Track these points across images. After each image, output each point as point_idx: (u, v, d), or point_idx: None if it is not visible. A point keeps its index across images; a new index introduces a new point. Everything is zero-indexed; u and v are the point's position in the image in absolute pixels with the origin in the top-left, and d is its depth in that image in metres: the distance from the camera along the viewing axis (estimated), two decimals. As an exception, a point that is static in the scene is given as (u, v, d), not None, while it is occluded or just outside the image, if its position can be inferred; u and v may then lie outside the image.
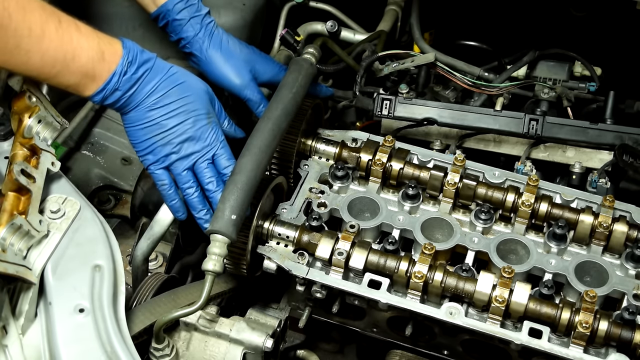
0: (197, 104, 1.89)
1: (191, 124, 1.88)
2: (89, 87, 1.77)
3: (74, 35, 1.72)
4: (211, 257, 1.77)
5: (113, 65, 1.77)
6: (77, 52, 1.71)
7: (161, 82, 1.85)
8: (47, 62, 1.69)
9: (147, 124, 1.86)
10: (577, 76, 2.47)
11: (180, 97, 1.87)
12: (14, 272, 1.62)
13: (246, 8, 2.46)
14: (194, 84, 1.91)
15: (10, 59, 1.65)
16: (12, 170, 1.72)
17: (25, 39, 1.63)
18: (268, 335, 1.90)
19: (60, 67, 1.70)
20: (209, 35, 2.11)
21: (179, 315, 1.77)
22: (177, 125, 1.87)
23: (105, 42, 1.77)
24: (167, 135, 1.87)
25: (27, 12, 1.64)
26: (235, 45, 2.15)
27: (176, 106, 1.86)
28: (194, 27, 2.09)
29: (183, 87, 1.88)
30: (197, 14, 2.09)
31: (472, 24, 2.75)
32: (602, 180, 2.16)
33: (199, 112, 1.89)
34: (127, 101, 1.82)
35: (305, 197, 2.09)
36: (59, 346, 1.61)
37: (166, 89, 1.85)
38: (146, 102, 1.84)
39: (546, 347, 1.79)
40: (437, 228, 2.05)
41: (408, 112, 2.26)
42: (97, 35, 1.77)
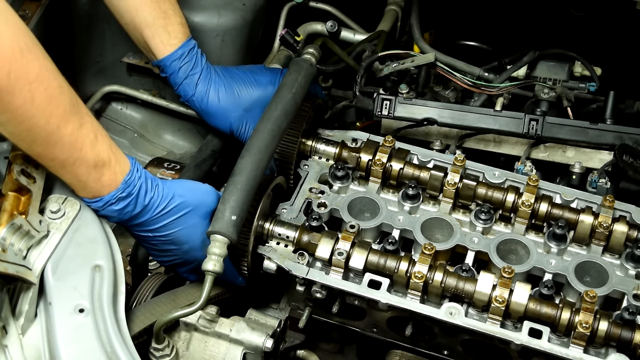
0: (192, 235, 1.86)
1: (185, 251, 1.88)
2: (79, 192, 1.75)
3: (86, 145, 1.67)
4: (211, 257, 1.77)
5: (105, 191, 1.74)
6: (78, 162, 1.67)
7: (155, 217, 1.81)
8: (48, 156, 1.66)
9: (143, 240, 1.88)
10: (577, 76, 2.47)
11: (174, 231, 1.84)
12: (14, 272, 1.62)
13: (246, 8, 2.46)
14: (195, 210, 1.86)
15: (17, 137, 1.61)
16: (12, 170, 1.72)
17: (37, 128, 1.59)
18: (268, 335, 1.90)
19: (58, 165, 1.68)
20: (205, 90, 2.12)
21: (179, 315, 1.77)
22: (171, 250, 1.88)
23: (113, 164, 1.72)
24: (162, 253, 1.90)
25: (51, 104, 1.59)
26: (231, 85, 2.16)
27: (169, 238, 1.85)
28: (190, 87, 2.11)
29: (180, 221, 1.84)
30: (192, 73, 2.11)
31: (472, 24, 2.75)
32: (602, 180, 2.16)
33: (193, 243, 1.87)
34: (117, 222, 1.82)
35: (305, 197, 2.09)
36: (59, 346, 1.61)
37: (159, 223, 1.82)
38: (139, 229, 1.83)
39: (546, 347, 1.79)
40: (437, 228, 2.05)
41: (408, 112, 2.26)
42: (110, 154, 1.72)
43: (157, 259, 1.98)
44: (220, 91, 2.14)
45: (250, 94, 2.17)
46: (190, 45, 2.10)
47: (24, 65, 1.51)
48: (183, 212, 1.83)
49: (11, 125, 1.57)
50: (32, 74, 1.53)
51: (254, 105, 2.17)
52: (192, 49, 2.11)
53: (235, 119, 2.16)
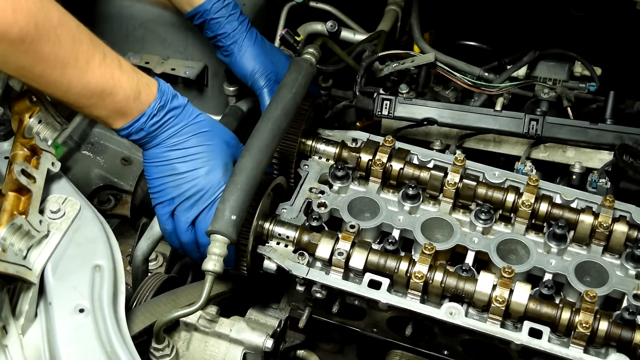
0: (215, 154, 1.90)
1: (204, 174, 1.88)
2: (118, 121, 1.81)
3: (116, 71, 1.76)
4: (211, 257, 1.77)
5: (145, 106, 1.81)
6: (115, 89, 1.75)
7: (185, 127, 1.88)
8: (86, 94, 1.72)
9: (162, 163, 1.88)
10: (577, 76, 2.47)
11: (200, 144, 1.89)
12: (14, 272, 1.62)
13: (246, 8, 2.46)
14: (218, 133, 1.93)
15: (51, 85, 1.69)
16: (12, 170, 1.72)
17: (70, 69, 1.67)
18: (268, 335, 1.90)
19: (96, 100, 1.74)
20: (245, 31, 2.22)
21: (179, 315, 1.77)
22: (189, 171, 1.88)
23: (143, 82, 1.82)
24: (177, 178, 1.88)
25: (76, 42, 1.68)
26: (264, 43, 2.27)
27: (194, 152, 1.88)
28: (232, 25, 2.20)
29: (206, 135, 1.90)
30: (233, 12, 2.21)
31: (472, 24, 2.75)
32: (602, 180, 2.16)
33: (216, 163, 1.90)
34: (149, 139, 1.86)
35: (305, 197, 2.09)
36: (59, 346, 1.61)
37: (189, 134, 1.88)
38: (166, 143, 1.87)
39: (546, 347, 1.79)
40: (437, 228, 2.05)
41: (408, 112, 2.26)
42: (136, 75, 1.81)
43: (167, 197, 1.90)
44: (257, 35, 2.25)
45: (278, 54, 2.30)
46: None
47: (46, 13, 1.61)
48: (211, 127, 1.91)
49: (47, 74, 1.65)
50: (54, 19, 1.63)
51: (279, 63, 2.26)
52: None
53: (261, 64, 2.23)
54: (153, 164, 1.89)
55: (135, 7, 2.43)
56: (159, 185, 1.90)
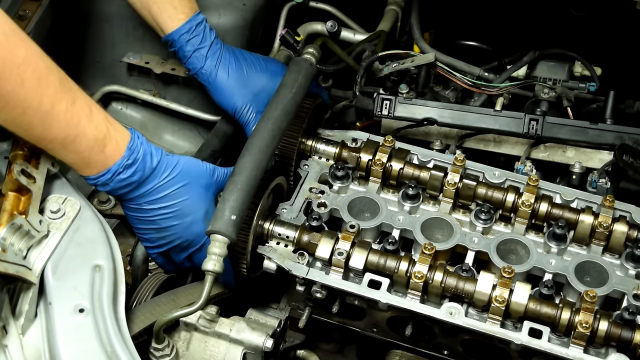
0: (194, 206, 1.87)
1: (186, 227, 1.87)
2: (83, 171, 1.75)
3: (83, 120, 1.68)
4: (211, 257, 1.77)
5: (110, 162, 1.74)
6: (78, 138, 1.68)
7: (159, 186, 1.82)
8: (47, 137, 1.66)
9: (142, 217, 1.86)
10: (577, 76, 2.47)
11: (177, 200, 1.84)
12: (14, 272, 1.62)
13: (246, 8, 2.46)
14: (195, 182, 1.87)
15: (12, 123, 1.62)
16: (12, 170, 1.72)
17: (32, 111, 1.59)
18: (268, 335, 1.89)
19: (58, 146, 1.68)
20: (215, 65, 2.13)
21: (179, 315, 1.77)
22: (171, 226, 1.86)
23: (113, 135, 1.73)
24: (161, 232, 1.88)
25: (41, 85, 1.60)
26: (241, 70, 2.17)
27: (172, 209, 1.84)
28: (198, 60, 2.12)
29: (183, 190, 1.85)
30: (201, 47, 2.11)
31: (472, 24, 2.75)
32: (602, 180, 2.16)
33: (196, 215, 1.87)
34: (120, 194, 1.81)
35: (305, 197, 2.09)
36: (59, 346, 1.61)
37: (164, 191, 1.82)
38: (141, 201, 1.82)
39: (546, 347, 1.79)
40: (437, 228, 2.05)
41: (408, 112, 2.26)
42: (107, 126, 1.73)
43: (154, 244, 1.92)
44: (230, 67, 2.15)
45: (259, 78, 2.19)
46: (198, 19, 2.11)
47: (10, 49, 1.53)
48: (187, 179, 1.84)
49: (5, 112, 1.58)
50: (19, 57, 1.54)
51: (260, 90, 2.18)
52: (200, 23, 2.11)
53: (240, 99, 2.15)
54: (134, 216, 1.87)
55: (135, 7, 2.43)
56: (144, 233, 1.90)
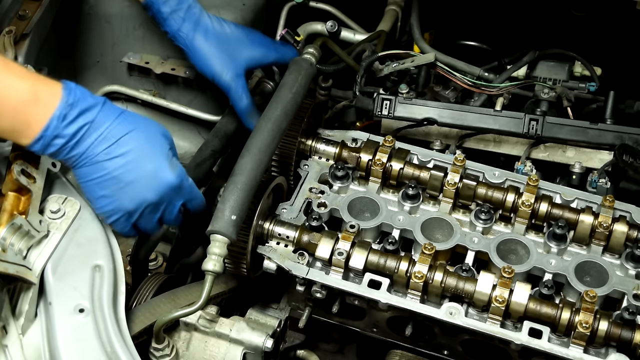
0: (157, 149, 1.69)
1: (152, 174, 1.69)
2: (25, 133, 1.56)
3: (1, 74, 1.52)
4: (211, 257, 1.77)
5: (50, 108, 1.55)
6: (5, 93, 1.52)
7: (111, 128, 1.63)
8: None
9: (102, 178, 1.65)
10: (577, 76, 2.47)
11: (135, 142, 1.65)
12: (14, 272, 1.62)
13: (246, 8, 2.46)
14: (152, 126, 1.72)
15: None
16: (12, 170, 1.72)
17: None
18: (268, 335, 1.90)
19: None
20: (193, 28, 2.04)
21: (179, 315, 1.77)
22: (137, 178, 1.67)
23: (41, 83, 1.57)
24: (126, 189, 1.68)
25: None
26: (221, 34, 2.08)
27: (132, 156, 1.65)
28: (176, 22, 2.04)
29: (140, 131, 1.67)
30: (178, 8, 2.03)
31: (472, 24, 2.75)
32: (602, 180, 2.16)
33: (159, 161, 1.69)
34: (72, 151, 1.61)
35: (305, 197, 2.09)
36: (59, 346, 1.61)
37: (117, 135, 1.63)
38: (95, 151, 1.62)
39: (546, 347, 1.79)
40: (437, 228, 2.05)
41: (408, 112, 2.26)
42: (31, 76, 1.57)
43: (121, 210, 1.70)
44: (208, 31, 2.06)
45: (239, 44, 2.10)
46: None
47: None
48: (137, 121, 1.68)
49: None
50: None
51: (240, 56, 2.09)
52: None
53: (219, 63, 2.06)
54: (92, 181, 1.66)
55: (135, 7, 2.43)
56: (108, 202, 1.70)
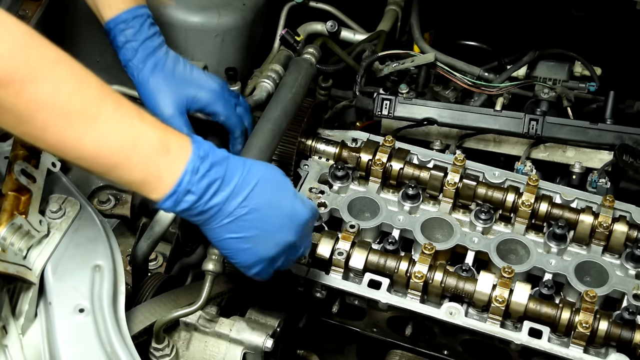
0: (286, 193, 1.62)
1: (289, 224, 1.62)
2: (156, 187, 1.47)
3: (135, 120, 1.44)
4: (211, 257, 1.77)
5: (182, 161, 1.47)
6: (138, 141, 1.43)
7: (241, 181, 1.53)
8: (103, 150, 1.41)
9: (242, 233, 1.56)
10: (577, 76, 2.47)
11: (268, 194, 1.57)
12: (14, 272, 1.62)
13: (246, 8, 2.46)
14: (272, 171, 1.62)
15: (59, 142, 1.39)
16: (12, 170, 1.72)
17: (78, 117, 1.37)
18: (268, 335, 1.89)
19: (118, 158, 1.43)
20: (143, 61, 1.96)
21: (179, 315, 1.77)
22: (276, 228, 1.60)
23: (171, 134, 1.49)
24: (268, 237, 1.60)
25: (81, 85, 1.38)
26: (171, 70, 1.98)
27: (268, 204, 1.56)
28: (128, 52, 1.96)
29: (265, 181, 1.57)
30: (133, 39, 1.95)
31: (472, 24, 2.75)
32: (602, 180, 2.16)
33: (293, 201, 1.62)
34: (204, 207, 1.50)
35: (306, 197, 2.08)
36: (59, 346, 1.61)
37: (249, 187, 1.54)
38: (230, 207, 1.52)
39: (546, 347, 1.80)
40: (437, 228, 2.05)
41: (408, 112, 2.26)
42: (161, 126, 1.49)
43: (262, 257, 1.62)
44: (158, 66, 1.97)
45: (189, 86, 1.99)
46: (138, 12, 1.96)
47: (40, 49, 1.34)
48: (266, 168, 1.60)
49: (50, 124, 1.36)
50: (51, 55, 1.35)
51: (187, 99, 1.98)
52: (139, 17, 1.96)
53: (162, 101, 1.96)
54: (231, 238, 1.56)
55: (135, 7, 2.43)
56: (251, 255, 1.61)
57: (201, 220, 1.55)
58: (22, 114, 1.34)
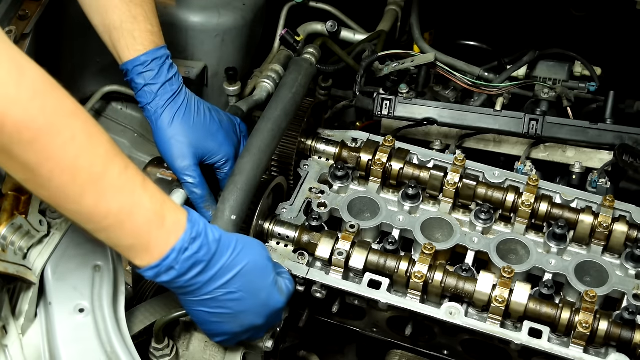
0: (266, 281, 1.67)
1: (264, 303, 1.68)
2: (142, 256, 1.50)
3: (138, 188, 1.46)
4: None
5: (173, 237, 1.50)
6: (135, 209, 1.46)
7: (226, 266, 1.58)
8: (100, 210, 1.43)
9: (214, 309, 1.63)
10: (577, 76, 2.47)
11: (248, 280, 1.62)
12: (14, 272, 1.62)
13: (246, 8, 2.46)
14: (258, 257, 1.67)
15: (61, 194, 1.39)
16: (12, 170, 1.72)
17: (83, 173, 1.37)
18: (268, 335, 1.90)
19: (113, 220, 1.45)
20: (162, 106, 1.92)
21: (179, 315, 1.77)
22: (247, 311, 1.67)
23: (169, 208, 1.52)
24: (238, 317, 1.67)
25: (92, 141, 1.38)
26: (190, 119, 1.94)
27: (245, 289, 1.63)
28: (147, 95, 1.92)
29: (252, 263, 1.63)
30: (152, 82, 1.90)
31: (472, 24, 2.75)
32: (602, 180, 2.16)
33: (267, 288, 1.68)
34: (184, 283, 1.55)
35: (305, 197, 2.09)
36: (59, 346, 1.61)
37: (232, 273, 1.59)
38: (209, 288, 1.58)
39: (546, 347, 1.79)
40: (437, 228, 2.05)
41: (408, 112, 2.26)
42: (162, 198, 1.51)
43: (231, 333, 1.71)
44: (178, 114, 1.93)
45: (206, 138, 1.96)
46: (157, 54, 1.92)
47: (57, 98, 1.35)
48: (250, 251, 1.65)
49: (56, 176, 1.36)
50: (68, 107, 1.36)
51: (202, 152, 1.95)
52: (158, 59, 1.92)
53: (177, 151, 1.92)
54: (203, 312, 1.64)
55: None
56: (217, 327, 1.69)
57: (178, 292, 1.61)
58: (29, 162, 1.34)
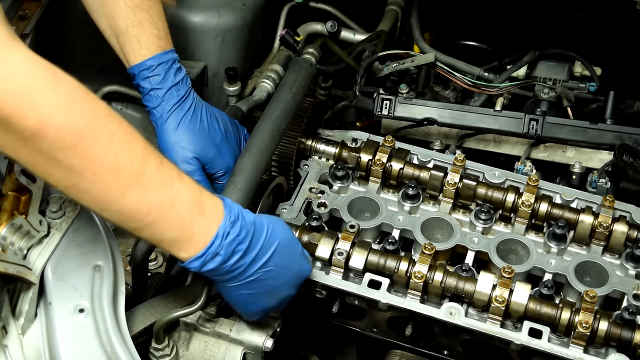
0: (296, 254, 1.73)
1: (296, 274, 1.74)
2: (187, 247, 1.52)
3: (175, 180, 1.48)
4: (211, 257, 1.77)
5: (214, 223, 1.52)
6: (176, 201, 1.47)
7: (264, 246, 1.61)
8: (143, 206, 1.44)
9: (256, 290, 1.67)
10: (577, 76, 2.47)
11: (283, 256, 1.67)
12: (14, 272, 1.62)
13: (246, 8, 2.46)
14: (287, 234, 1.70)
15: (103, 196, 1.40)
16: (12, 170, 1.72)
17: (124, 171, 1.38)
18: (268, 335, 1.89)
19: (155, 215, 1.46)
20: (168, 111, 1.91)
21: (179, 315, 1.77)
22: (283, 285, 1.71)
23: (206, 196, 1.54)
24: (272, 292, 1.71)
25: (129, 139, 1.40)
26: (192, 127, 1.93)
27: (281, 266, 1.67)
28: (153, 99, 1.91)
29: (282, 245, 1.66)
30: (158, 87, 1.90)
31: (472, 24, 2.75)
32: (602, 180, 2.16)
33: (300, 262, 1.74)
34: (227, 268, 1.58)
35: (305, 197, 2.09)
36: (59, 346, 1.61)
37: (269, 252, 1.63)
38: (251, 270, 1.62)
39: (546, 347, 1.80)
40: (437, 228, 2.05)
41: (408, 112, 2.26)
42: (198, 188, 1.54)
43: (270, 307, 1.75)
44: (184, 119, 1.93)
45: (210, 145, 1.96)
46: (163, 59, 1.91)
47: (93, 100, 1.36)
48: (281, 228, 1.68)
49: (99, 178, 1.37)
50: (103, 108, 1.38)
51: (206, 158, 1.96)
52: (164, 63, 1.91)
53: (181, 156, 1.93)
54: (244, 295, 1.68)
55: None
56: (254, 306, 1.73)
57: (221, 279, 1.63)
58: (74, 167, 1.34)
